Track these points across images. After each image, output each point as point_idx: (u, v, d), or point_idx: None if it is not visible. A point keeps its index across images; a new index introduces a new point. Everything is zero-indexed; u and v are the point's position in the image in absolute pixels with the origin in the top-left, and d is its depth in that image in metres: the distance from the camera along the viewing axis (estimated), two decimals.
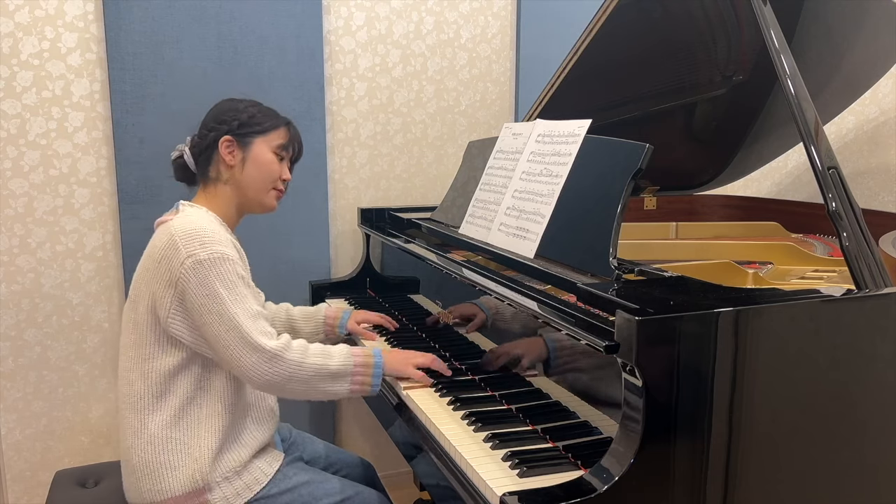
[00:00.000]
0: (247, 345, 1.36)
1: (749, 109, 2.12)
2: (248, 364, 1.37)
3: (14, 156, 2.09)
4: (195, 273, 1.36)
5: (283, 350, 1.39)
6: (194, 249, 1.37)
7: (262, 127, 1.53)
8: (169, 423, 1.41)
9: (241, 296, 1.39)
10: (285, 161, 1.58)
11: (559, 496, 1.00)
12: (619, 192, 1.37)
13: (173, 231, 1.39)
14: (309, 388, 1.43)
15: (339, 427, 2.57)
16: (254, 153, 1.52)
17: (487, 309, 1.56)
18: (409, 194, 2.57)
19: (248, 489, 1.45)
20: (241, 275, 1.41)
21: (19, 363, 2.18)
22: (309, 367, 1.42)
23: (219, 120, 1.52)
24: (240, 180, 1.52)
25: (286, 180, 1.58)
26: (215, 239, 1.40)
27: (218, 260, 1.37)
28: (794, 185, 2.67)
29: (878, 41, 1.97)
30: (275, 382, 1.40)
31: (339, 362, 1.46)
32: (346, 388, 1.47)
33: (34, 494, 2.23)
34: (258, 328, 1.38)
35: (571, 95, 1.97)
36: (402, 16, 2.45)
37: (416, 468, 1.51)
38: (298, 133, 1.61)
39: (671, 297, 1.14)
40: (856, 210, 1.25)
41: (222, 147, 1.51)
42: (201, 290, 1.36)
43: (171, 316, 1.39)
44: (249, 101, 1.57)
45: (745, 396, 1.09)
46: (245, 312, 1.38)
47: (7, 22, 2.03)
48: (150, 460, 1.41)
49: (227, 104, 1.56)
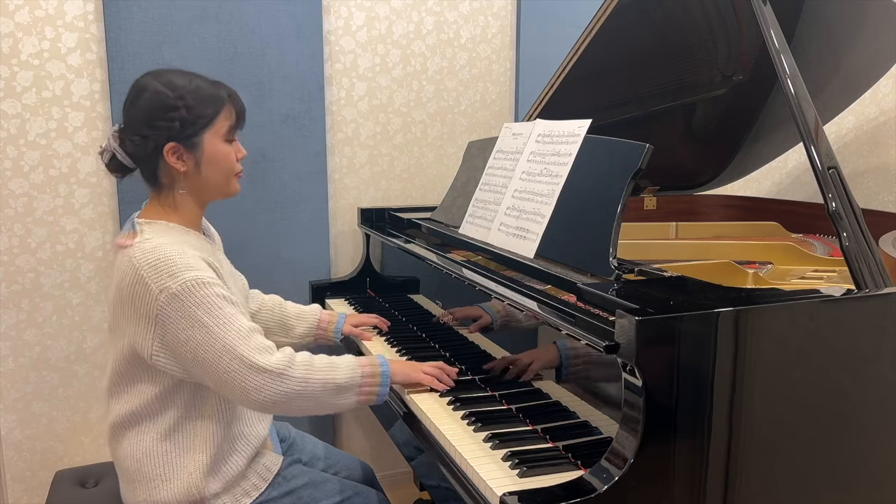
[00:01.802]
0: (248, 367, 1.28)
1: (749, 109, 2.12)
2: (253, 386, 1.29)
3: (14, 156, 2.09)
4: (172, 307, 1.26)
5: (288, 367, 1.32)
6: (164, 283, 1.26)
7: (206, 118, 1.35)
8: (162, 438, 1.37)
9: (227, 317, 1.29)
10: (236, 139, 1.43)
11: (559, 496, 1.00)
12: (619, 192, 1.37)
13: (136, 265, 1.29)
14: (317, 403, 1.37)
15: (339, 427, 2.57)
16: (207, 152, 1.37)
17: (494, 312, 1.55)
18: (409, 194, 2.57)
19: (247, 494, 1.44)
20: (221, 294, 1.30)
21: (19, 363, 2.18)
22: (316, 382, 1.34)
23: (153, 123, 1.33)
24: (197, 182, 1.39)
25: (243, 157, 1.45)
26: (183, 264, 1.28)
27: (192, 287, 1.27)
28: (794, 185, 2.67)
29: (878, 41, 1.97)
30: (280, 402, 1.32)
31: (347, 375, 1.39)
32: (353, 399, 1.40)
33: (34, 494, 2.23)
34: (255, 346, 1.30)
35: (571, 95, 1.97)
36: (402, 16, 2.45)
37: (416, 468, 1.52)
38: (237, 95, 1.42)
39: (671, 297, 1.14)
40: (856, 210, 1.25)
41: (169, 156, 1.35)
42: (183, 323, 1.27)
43: (156, 354, 1.31)
44: (180, 86, 1.34)
45: (745, 396, 1.09)
46: (236, 334, 1.29)
47: (7, 22, 2.03)
48: (147, 470, 1.38)
49: (156, 99, 1.33)
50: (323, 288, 2.34)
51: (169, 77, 1.36)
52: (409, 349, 1.75)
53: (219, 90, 1.40)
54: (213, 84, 1.40)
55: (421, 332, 1.88)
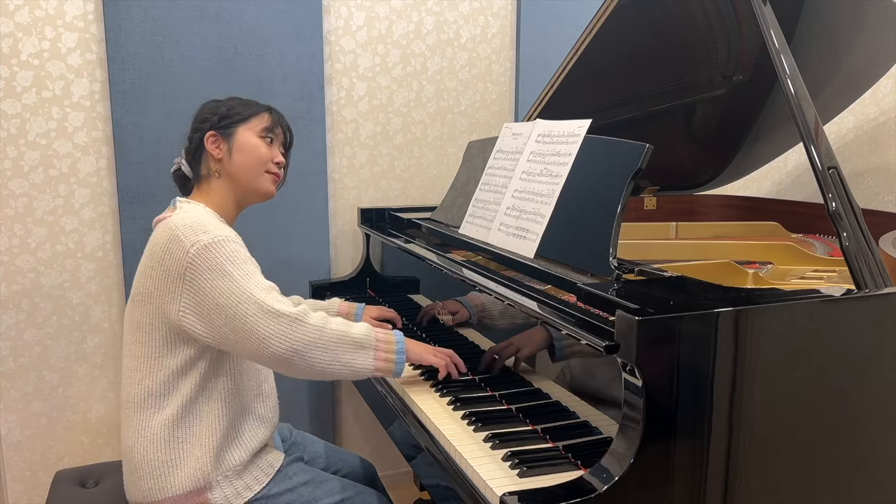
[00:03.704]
0: (265, 313, 1.35)
1: (749, 109, 2.12)
2: (269, 332, 1.34)
3: (14, 156, 2.09)
4: (202, 258, 1.36)
5: (304, 315, 1.38)
6: (197, 237, 1.37)
7: (242, 115, 1.55)
8: (172, 422, 1.40)
9: (251, 272, 1.39)
10: (275, 144, 1.58)
11: (559, 496, 1.00)
12: (619, 192, 1.37)
13: (173, 226, 1.40)
14: (332, 357, 1.39)
15: (340, 427, 2.57)
16: (238, 141, 1.53)
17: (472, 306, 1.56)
18: (409, 194, 2.57)
19: (249, 489, 1.45)
20: (246, 254, 1.42)
21: (19, 363, 2.18)
22: (331, 333, 1.39)
23: (201, 120, 1.56)
24: (230, 170, 1.53)
25: (279, 163, 1.58)
26: (215, 226, 1.41)
27: (222, 241, 1.38)
28: (794, 185, 2.68)
29: (878, 41, 1.97)
30: (297, 349, 1.36)
31: (362, 332, 1.44)
32: (370, 362, 1.43)
33: (34, 494, 2.23)
34: (274, 297, 1.38)
35: (571, 95, 1.97)
36: (402, 16, 2.45)
37: (416, 468, 1.52)
38: (283, 117, 1.62)
39: (671, 297, 1.14)
40: (856, 210, 1.25)
41: (208, 143, 1.53)
42: (211, 273, 1.36)
43: (183, 310, 1.37)
44: (229, 97, 1.59)
45: (745, 396, 1.09)
46: (257, 286, 1.37)
47: (7, 22, 2.03)
48: (152, 458, 1.40)
49: (207, 105, 1.59)
50: (323, 288, 2.34)
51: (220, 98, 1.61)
52: None
53: (262, 103, 1.60)
54: (259, 102, 1.60)
55: (421, 332, 1.88)
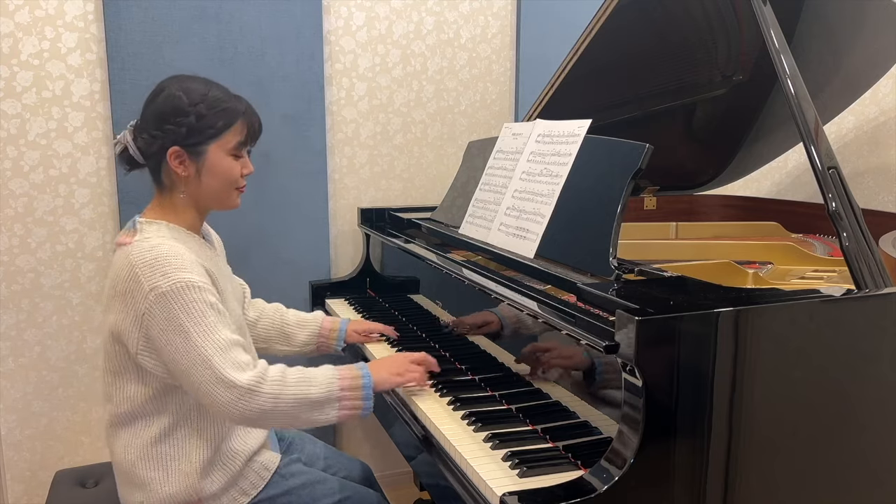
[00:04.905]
0: (218, 381, 1.27)
1: (749, 109, 2.12)
2: (222, 401, 1.28)
3: (14, 156, 2.09)
4: (159, 307, 1.27)
5: (258, 383, 1.29)
6: (156, 281, 1.27)
7: (215, 129, 1.37)
8: (156, 439, 1.37)
9: (209, 327, 1.28)
10: (245, 155, 1.44)
11: (559, 496, 1.00)
12: (619, 192, 1.37)
13: (133, 261, 1.30)
14: (292, 420, 1.34)
15: (339, 427, 2.57)
16: (209, 163, 1.38)
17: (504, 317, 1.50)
18: (409, 194, 2.57)
19: (245, 494, 1.44)
20: (209, 301, 1.30)
21: (19, 363, 2.18)
22: (288, 399, 1.31)
23: (162, 125, 1.36)
24: (197, 189, 1.40)
25: (249, 174, 1.45)
26: (178, 265, 1.29)
27: (182, 289, 1.27)
28: (794, 185, 2.67)
29: (878, 41, 1.97)
30: (252, 418, 1.31)
31: (322, 390, 1.35)
32: (334, 414, 1.37)
33: (34, 494, 2.23)
34: (230, 361, 1.28)
35: (571, 95, 1.97)
36: (402, 16, 2.45)
37: (416, 468, 1.51)
38: (254, 112, 1.43)
39: (671, 297, 1.14)
40: (856, 210, 1.25)
41: (171, 159, 1.36)
42: (167, 325, 1.27)
43: (141, 353, 1.32)
44: (197, 93, 1.37)
45: (745, 396, 1.09)
46: (214, 345, 1.27)
47: (7, 22, 2.03)
48: (141, 473, 1.38)
49: (170, 102, 1.36)
50: (323, 288, 2.34)
51: (189, 83, 1.39)
52: (410, 349, 1.74)
53: (236, 104, 1.40)
54: (232, 97, 1.41)
55: (421, 333, 1.88)
